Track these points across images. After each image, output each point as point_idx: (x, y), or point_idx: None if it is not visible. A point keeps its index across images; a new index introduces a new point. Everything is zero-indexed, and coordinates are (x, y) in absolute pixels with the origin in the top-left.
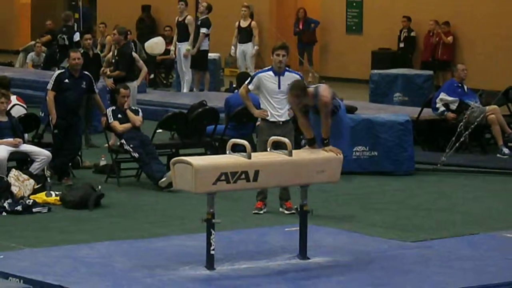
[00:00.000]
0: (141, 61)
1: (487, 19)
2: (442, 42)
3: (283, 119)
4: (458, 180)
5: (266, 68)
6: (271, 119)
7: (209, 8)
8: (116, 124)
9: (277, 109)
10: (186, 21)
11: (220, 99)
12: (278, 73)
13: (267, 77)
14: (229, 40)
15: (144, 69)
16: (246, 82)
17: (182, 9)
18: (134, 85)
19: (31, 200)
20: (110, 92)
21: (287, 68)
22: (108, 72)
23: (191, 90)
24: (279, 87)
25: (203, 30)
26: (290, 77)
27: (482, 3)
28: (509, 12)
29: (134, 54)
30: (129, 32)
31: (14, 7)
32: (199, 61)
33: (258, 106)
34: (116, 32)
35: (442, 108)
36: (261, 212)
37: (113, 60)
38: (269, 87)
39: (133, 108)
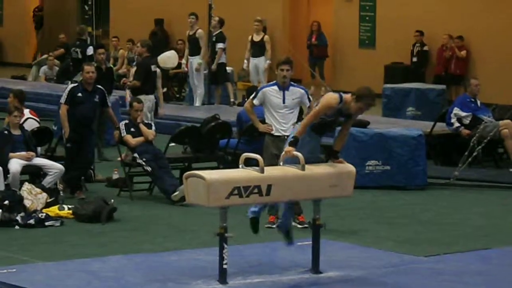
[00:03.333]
0: (160, 80)
1: (500, 33)
2: (456, 56)
3: (287, 134)
4: (471, 194)
5: (271, 82)
6: (276, 134)
7: (221, 22)
8: (129, 138)
9: (281, 123)
10: (197, 35)
11: (232, 113)
12: (283, 87)
13: (272, 91)
14: (242, 54)
15: (160, 90)
16: (251, 97)
17: (193, 23)
18: (150, 98)
19: (44, 214)
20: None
21: (292, 83)
22: (127, 83)
23: (209, 104)
24: (283, 102)
25: (220, 45)
26: (294, 92)
27: (496, 17)
28: None
29: (157, 70)
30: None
31: (26, 19)
32: (219, 75)
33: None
34: (140, 44)
35: (457, 124)
36: (274, 226)
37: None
38: (274, 102)
39: (146, 122)
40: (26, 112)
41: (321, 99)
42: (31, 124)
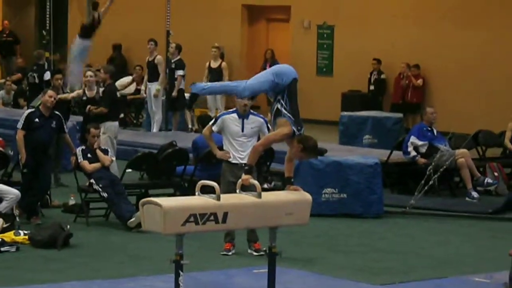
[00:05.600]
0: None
1: (456, 63)
2: (412, 85)
3: (245, 161)
4: (427, 223)
5: (231, 110)
6: (233, 161)
7: (179, 48)
8: (85, 164)
9: (239, 151)
10: (156, 61)
11: (190, 139)
12: (243, 116)
13: (231, 119)
14: (199, 80)
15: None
16: (211, 123)
17: (152, 49)
18: (115, 125)
19: (0, 239)
20: (80, 132)
21: (252, 111)
22: (93, 110)
23: (167, 130)
24: (242, 130)
25: (179, 73)
26: (254, 121)
27: (451, 47)
28: (478, 56)
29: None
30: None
31: None
32: (178, 102)
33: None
34: (103, 71)
35: (413, 153)
36: (230, 253)
37: (98, 98)
38: (233, 130)
39: (103, 148)
40: None
41: (280, 129)
42: None
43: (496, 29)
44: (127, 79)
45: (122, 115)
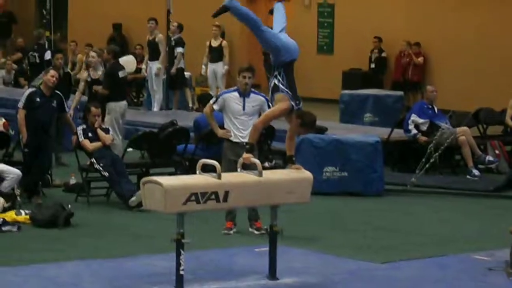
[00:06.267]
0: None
1: (456, 40)
2: (413, 63)
3: (246, 140)
4: (428, 201)
5: (232, 88)
6: (234, 140)
7: (180, 28)
8: (86, 142)
9: (240, 130)
10: (156, 40)
11: (190, 118)
12: (244, 94)
13: (232, 97)
14: (200, 59)
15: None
16: (211, 101)
17: (153, 28)
18: (120, 105)
19: (1, 219)
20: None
21: (253, 90)
22: (99, 90)
23: (167, 109)
24: (243, 109)
25: (179, 50)
26: (255, 99)
27: (452, 24)
28: (479, 35)
29: (126, 75)
30: (105, 52)
31: None
32: (177, 80)
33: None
34: (106, 51)
35: (414, 131)
36: (231, 232)
37: (102, 79)
38: (234, 108)
39: (104, 127)
40: None
41: (278, 105)
42: None
43: (497, 7)
44: (127, 58)
45: None
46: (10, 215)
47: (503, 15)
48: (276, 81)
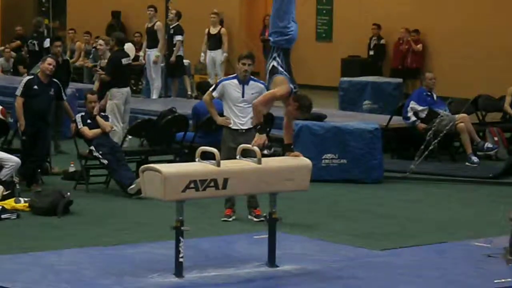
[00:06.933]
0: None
1: (456, 27)
2: (412, 50)
3: (245, 127)
4: (427, 188)
5: (231, 75)
6: (234, 127)
7: (178, 15)
8: (85, 129)
9: (239, 117)
10: (155, 28)
11: (189, 106)
12: (243, 81)
13: (232, 85)
14: (199, 47)
15: None
16: (211, 89)
17: (152, 15)
18: (123, 91)
19: (0, 207)
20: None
21: (252, 77)
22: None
23: (166, 96)
24: (243, 96)
25: (178, 38)
26: (254, 86)
27: (452, 12)
28: (478, 21)
29: (130, 62)
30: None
31: None
32: (176, 68)
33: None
34: (111, 38)
35: (413, 118)
36: (230, 219)
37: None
38: (233, 95)
39: (103, 114)
40: None
41: (279, 87)
42: None
43: None
44: (126, 45)
45: None
46: (9, 203)
47: (503, 2)
48: (275, 63)
